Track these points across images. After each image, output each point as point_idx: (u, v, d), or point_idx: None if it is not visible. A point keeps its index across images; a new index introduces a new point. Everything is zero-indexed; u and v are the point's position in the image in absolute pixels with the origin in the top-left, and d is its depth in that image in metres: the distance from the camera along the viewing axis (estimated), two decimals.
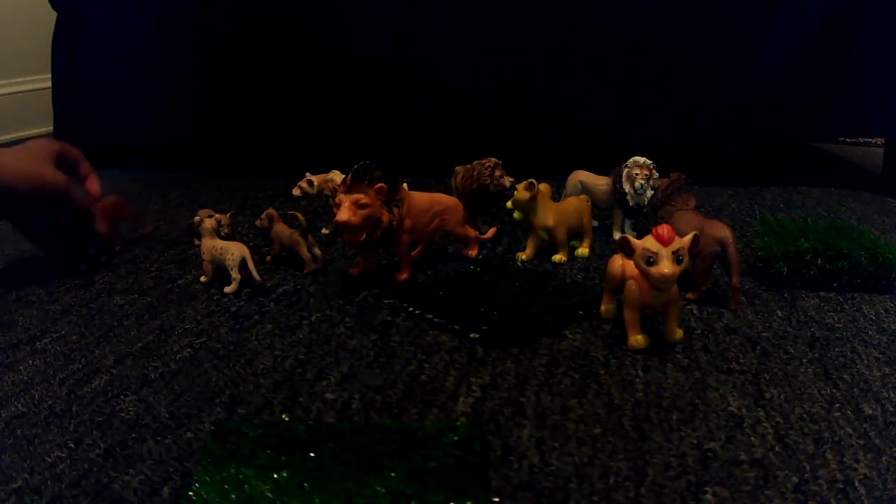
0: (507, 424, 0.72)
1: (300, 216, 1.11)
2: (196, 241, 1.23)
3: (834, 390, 0.78)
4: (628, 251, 0.83)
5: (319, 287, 1.06)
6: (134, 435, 0.70)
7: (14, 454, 0.68)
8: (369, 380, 0.80)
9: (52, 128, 1.84)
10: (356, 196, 0.98)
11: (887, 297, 1.03)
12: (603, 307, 0.95)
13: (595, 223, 1.27)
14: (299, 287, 1.06)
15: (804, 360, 0.85)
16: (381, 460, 0.63)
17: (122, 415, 0.74)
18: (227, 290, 1.04)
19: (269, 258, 1.16)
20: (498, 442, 0.69)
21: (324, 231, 1.31)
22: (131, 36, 1.72)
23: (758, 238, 1.13)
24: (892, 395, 0.77)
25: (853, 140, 2.12)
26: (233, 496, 0.59)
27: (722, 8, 1.55)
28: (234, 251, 1.03)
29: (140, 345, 0.89)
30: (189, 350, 0.88)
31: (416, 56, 1.67)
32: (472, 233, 1.17)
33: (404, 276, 1.08)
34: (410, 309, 0.97)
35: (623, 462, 0.66)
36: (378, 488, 0.60)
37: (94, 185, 1.21)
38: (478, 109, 1.70)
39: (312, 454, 0.65)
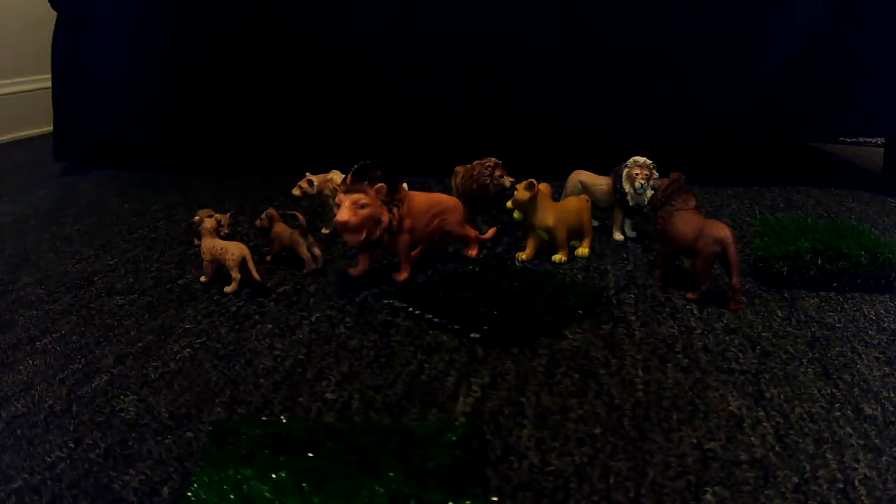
0: (507, 424, 0.72)
1: (300, 216, 1.11)
2: (196, 241, 1.23)
3: (834, 390, 0.78)
4: None
5: (319, 287, 1.06)
6: (134, 435, 0.70)
7: (14, 454, 0.68)
8: (369, 380, 0.80)
9: (52, 128, 1.84)
10: (356, 196, 0.98)
11: (887, 297, 1.03)
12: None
13: (595, 223, 1.27)
14: (299, 287, 1.06)
15: (804, 360, 0.85)
16: (380, 460, 0.63)
17: (122, 415, 0.74)
18: (227, 289, 1.04)
19: (269, 258, 1.16)
20: (498, 442, 0.69)
21: (324, 231, 1.30)
22: (131, 36, 1.72)
23: (758, 238, 1.13)
24: (892, 395, 0.77)
25: (853, 140, 2.12)
26: (231, 496, 0.59)
27: (722, 8, 1.55)
28: (234, 251, 1.03)
29: (140, 345, 0.89)
30: (189, 350, 0.87)
31: (417, 56, 1.67)
32: (473, 233, 1.17)
33: (404, 276, 1.08)
34: (410, 309, 0.97)
35: (623, 462, 0.66)
36: (377, 488, 0.59)
37: None
38: (478, 109, 1.70)
39: (311, 454, 0.65)
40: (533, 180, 1.12)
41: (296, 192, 1.27)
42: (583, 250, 1.18)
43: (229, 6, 1.67)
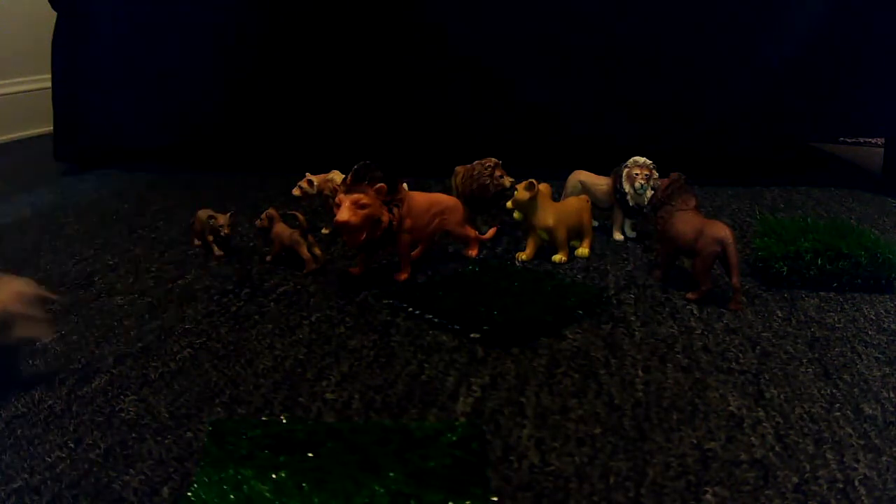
0: (507, 424, 0.72)
1: (300, 216, 1.11)
2: (196, 242, 1.23)
3: (834, 390, 0.78)
4: None
5: (319, 287, 1.06)
6: (134, 435, 0.70)
7: (14, 454, 0.68)
8: (369, 380, 0.80)
9: (52, 128, 1.84)
10: (356, 196, 0.98)
11: (887, 297, 1.03)
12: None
13: (595, 223, 1.27)
14: (299, 287, 1.06)
15: (804, 360, 0.85)
16: (380, 460, 0.63)
17: (122, 415, 0.74)
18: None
19: (269, 258, 1.16)
20: (498, 442, 0.69)
21: (324, 231, 1.30)
22: (131, 36, 1.72)
23: (758, 238, 1.13)
24: (892, 395, 0.77)
25: (853, 140, 2.12)
26: (231, 496, 0.59)
27: (722, 9, 1.55)
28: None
29: (140, 345, 0.89)
30: (189, 350, 0.87)
31: (416, 56, 1.67)
32: (473, 233, 1.17)
33: (404, 276, 1.08)
34: (410, 309, 0.97)
35: (623, 462, 0.66)
36: (377, 488, 0.59)
37: None
38: (478, 109, 1.70)
39: (311, 454, 0.65)
40: (533, 180, 1.12)
41: (296, 192, 1.27)
42: (583, 250, 1.18)
43: (228, 7, 1.67)
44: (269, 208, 1.17)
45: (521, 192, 1.12)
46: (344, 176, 1.10)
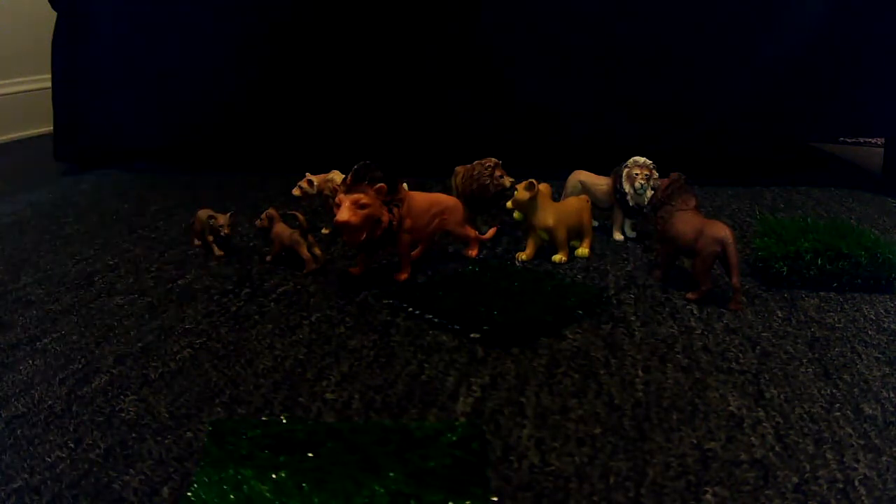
0: (507, 424, 0.72)
1: (300, 216, 1.11)
2: (196, 242, 1.23)
3: (834, 390, 0.78)
4: None
5: (319, 287, 1.06)
6: (134, 435, 0.70)
7: (14, 454, 0.68)
8: (369, 380, 0.80)
9: (52, 128, 1.84)
10: (356, 196, 0.98)
11: (887, 297, 1.03)
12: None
13: (595, 223, 1.27)
14: (299, 287, 1.06)
15: (804, 360, 0.85)
16: (380, 460, 0.63)
17: (122, 415, 0.74)
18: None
19: (269, 258, 1.16)
20: (498, 442, 0.69)
21: (324, 231, 1.30)
22: (131, 36, 1.72)
23: (758, 238, 1.13)
24: (892, 395, 0.77)
25: (853, 140, 2.12)
26: (231, 496, 0.59)
27: (722, 9, 1.55)
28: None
29: (140, 345, 0.89)
30: (189, 350, 0.87)
31: (416, 55, 1.67)
32: (473, 233, 1.17)
33: (404, 276, 1.08)
34: (410, 309, 0.97)
35: (623, 462, 0.66)
36: (377, 488, 0.59)
37: None
38: (478, 109, 1.70)
39: (311, 454, 0.65)
40: (533, 180, 1.12)
41: (296, 192, 1.27)
42: (583, 250, 1.18)
43: (228, 7, 1.67)
44: (269, 208, 1.17)
45: (521, 192, 1.12)
46: (344, 176, 1.10)
